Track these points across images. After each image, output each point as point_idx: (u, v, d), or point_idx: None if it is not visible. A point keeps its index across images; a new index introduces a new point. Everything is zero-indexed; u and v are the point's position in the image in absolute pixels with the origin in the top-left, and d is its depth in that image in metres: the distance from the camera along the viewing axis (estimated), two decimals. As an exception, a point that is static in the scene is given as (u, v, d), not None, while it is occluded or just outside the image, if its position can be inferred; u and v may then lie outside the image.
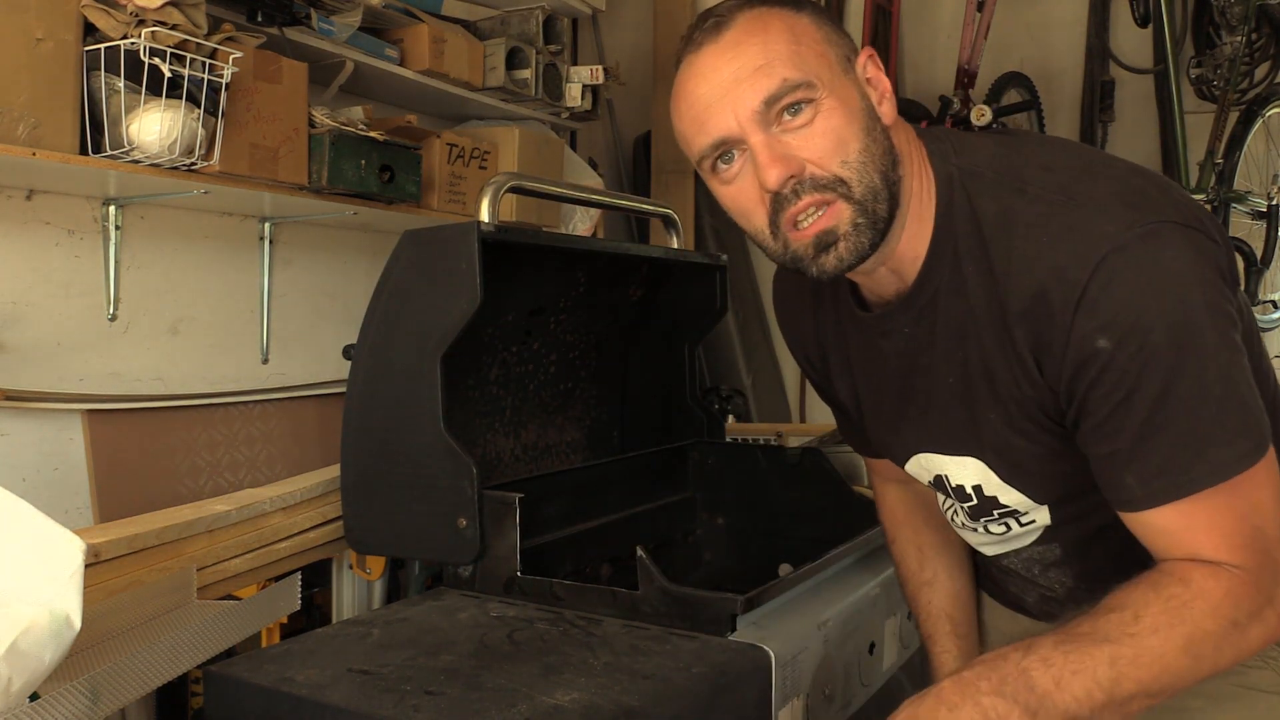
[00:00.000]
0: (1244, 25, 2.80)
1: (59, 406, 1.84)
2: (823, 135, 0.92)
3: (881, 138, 0.95)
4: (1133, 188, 0.92)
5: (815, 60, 0.93)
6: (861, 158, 0.93)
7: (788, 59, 0.92)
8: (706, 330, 2.00)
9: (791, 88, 0.91)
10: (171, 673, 1.17)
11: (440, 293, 1.38)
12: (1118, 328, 0.86)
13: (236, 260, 2.20)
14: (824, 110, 0.92)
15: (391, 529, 1.45)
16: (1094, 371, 0.88)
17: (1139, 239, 0.87)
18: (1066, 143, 1.04)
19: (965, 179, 0.98)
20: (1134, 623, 0.87)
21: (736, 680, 1.15)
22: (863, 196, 0.93)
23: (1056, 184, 0.93)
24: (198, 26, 1.72)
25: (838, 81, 0.93)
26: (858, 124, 0.93)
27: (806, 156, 0.92)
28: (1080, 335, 0.88)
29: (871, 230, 0.94)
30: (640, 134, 3.65)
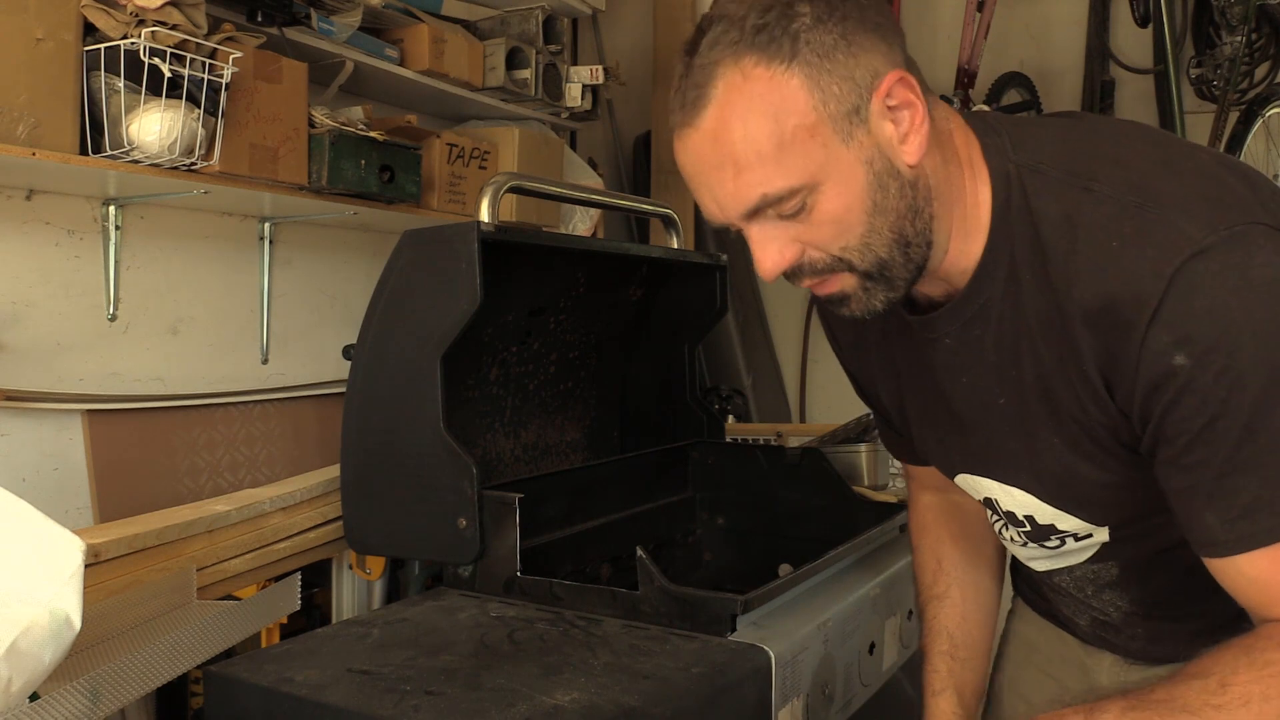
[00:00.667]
0: (1244, 25, 2.80)
1: (59, 406, 1.84)
2: (819, 226, 0.84)
3: (897, 196, 0.84)
4: (1217, 183, 0.81)
5: (801, 152, 0.81)
6: (864, 240, 0.84)
7: (770, 163, 0.81)
8: (706, 330, 2.00)
9: (774, 200, 0.83)
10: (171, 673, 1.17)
11: (440, 293, 1.38)
12: (1198, 343, 0.76)
13: (236, 260, 2.20)
14: (820, 202, 0.83)
15: (391, 529, 1.45)
16: (1171, 393, 0.78)
17: (1224, 242, 0.76)
18: (1144, 131, 0.91)
19: (1025, 176, 0.87)
20: (1220, 692, 0.77)
21: (736, 680, 1.15)
22: (867, 270, 0.86)
23: (1129, 181, 0.82)
24: (198, 26, 1.72)
25: (835, 160, 0.82)
26: (861, 203, 0.83)
27: (805, 241, 0.85)
28: (1154, 351, 0.78)
29: (886, 289, 0.88)
30: (640, 134, 3.64)
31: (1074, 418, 0.88)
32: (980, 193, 0.89)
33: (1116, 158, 0.85)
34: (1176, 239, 0.77)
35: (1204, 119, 2.91)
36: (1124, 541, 0.99)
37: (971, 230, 0.90)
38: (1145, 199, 0.81)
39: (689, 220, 3.41)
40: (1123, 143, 0.88)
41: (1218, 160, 0.86)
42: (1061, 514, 0.98)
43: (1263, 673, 0.77)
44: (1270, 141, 2.95)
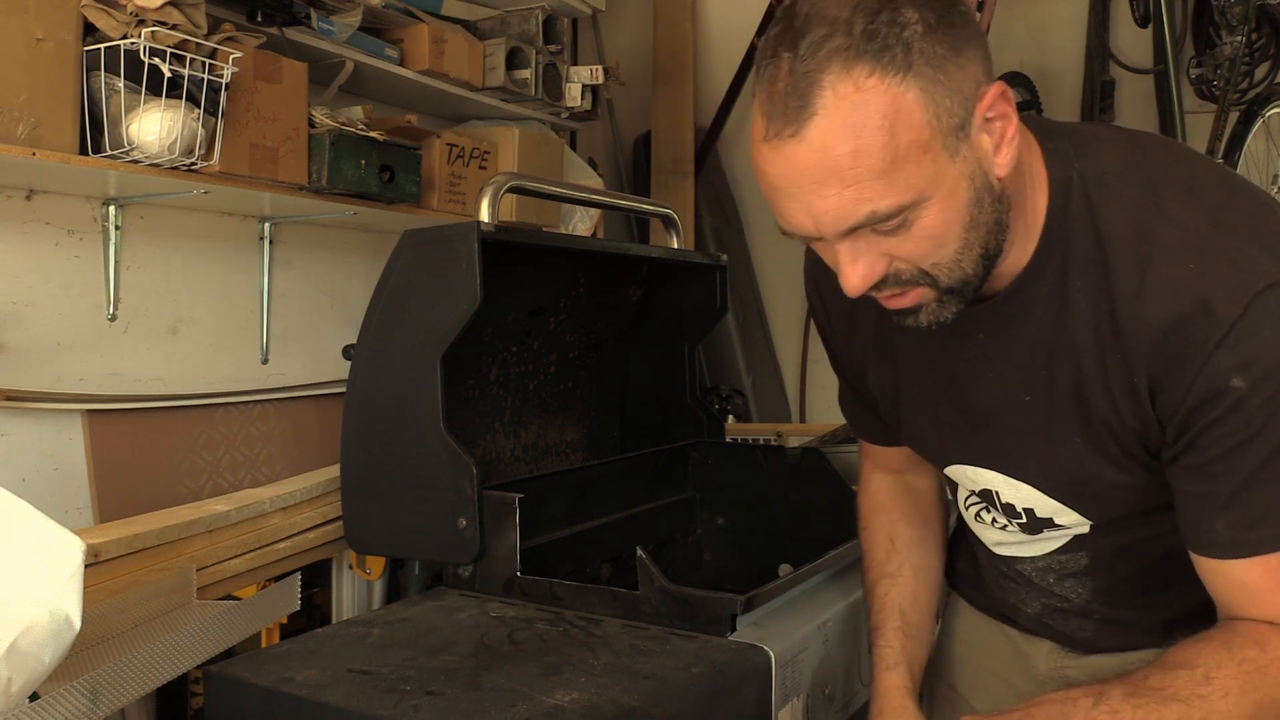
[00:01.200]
0: (1244, 25, 2.80)
1: (59, 406, 1.84)
2: (917, 241, 0.82)
3: (989, 210, 0.84)
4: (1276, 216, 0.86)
5: (915, 166, 0.78)
6: (957, 256, 0.84)
7: (880, 181, 0.77)
8: (706, 330, 2.00)
9: (882, 218, 0.80)
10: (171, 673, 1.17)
11: (440, 293, 1.38)
12: (1257, 369, 0.80)
13: (236, 260, 2.20)
14: (923, 216, 0.81)
15: (391, 529, 1.45)
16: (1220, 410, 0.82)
17: None
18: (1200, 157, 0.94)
19: (1089, 187, 0.88)
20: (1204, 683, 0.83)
21: (736, 680, 1.15)
22: (949, 286, 0.86)
23: (1202, 206, 0.85)
24: (198, 26, 1.72)
25: (943, 175, 0.80)
26: (961, 221, 0.82)
27: (896, 254, 0.83)
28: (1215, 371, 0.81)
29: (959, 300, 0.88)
30: (640, 134, 3.65)
31: (1105, 422, 0.90)
32: (1038, 198, 0.90)
33: (1187, 181, 0.87)
34: (1254, 270, 0.81)
35: (1204, 119, 2.91)
36: (1102, 534, 1.03)
37: (1026, 234, 0.90)
38: (1219, 226, 0.84)
39: (689, 220, 3.41)
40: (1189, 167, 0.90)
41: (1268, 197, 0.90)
42: (1064, 509, 1.00)
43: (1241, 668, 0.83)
44: (1270, 141, 2.95)
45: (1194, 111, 2.97)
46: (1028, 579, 1.13)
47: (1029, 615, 1.16)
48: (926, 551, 1.23)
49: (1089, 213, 0.87)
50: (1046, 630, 1.15)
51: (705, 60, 3.64)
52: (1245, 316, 0.80)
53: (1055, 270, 0.89)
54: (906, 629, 1.17)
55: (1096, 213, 0.87)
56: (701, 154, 3.55)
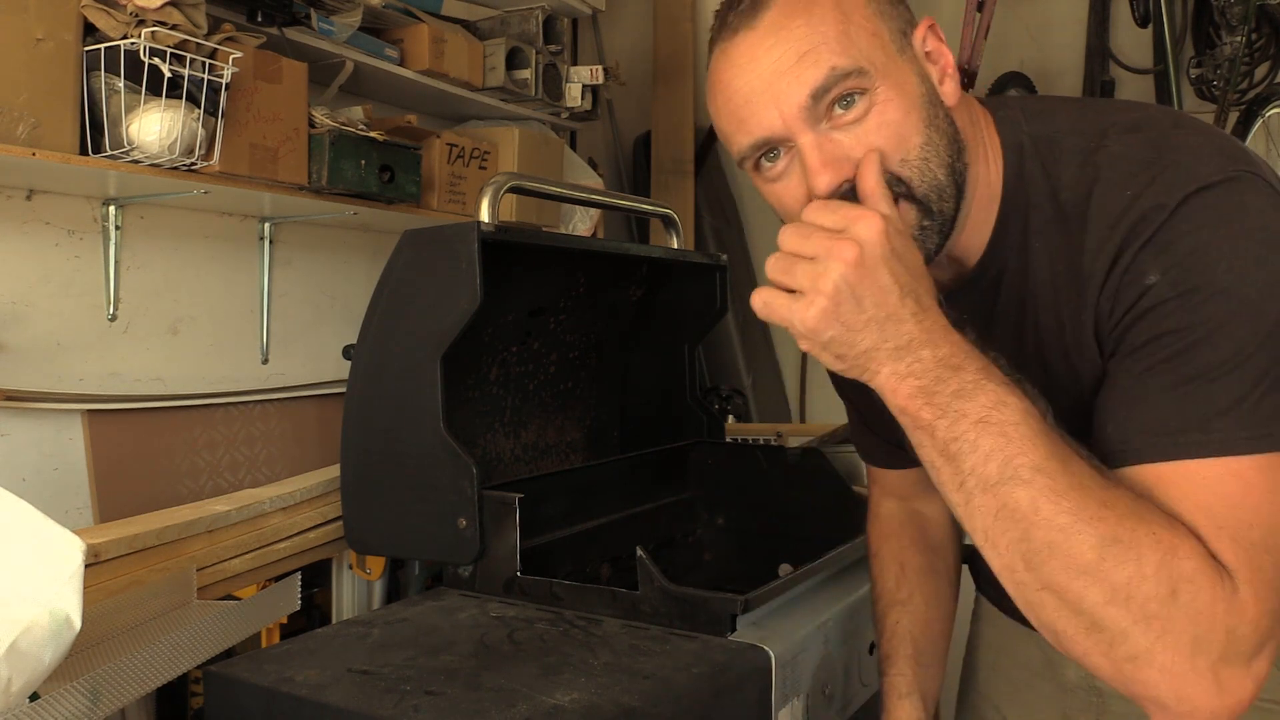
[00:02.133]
0: (1244, 25, 2.80)
1: (59, 406, 1.84)
2: (878, 131, 0.82)
3: (945, 125, 0.85)
4: (1227, 140, 0.83)
5: (867, 41, 0.82)
6: (923, 153, 0.83)
7: (835, 41, 0.81)
8: (706, 330, 2.00)
9: (841, 76, 0.80)
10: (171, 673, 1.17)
11: (440, 293, 1.38)
12: (1175, 262, 0.77)
13: (236, 260, 2.20)
14: (879, 101, 0.82)
15: (391, 529, 1.45)
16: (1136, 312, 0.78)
17: (1229, 180, 0.78)
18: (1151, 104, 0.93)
19: (1040, 147, 0.88)
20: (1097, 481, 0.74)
21: (736, 680, 1.15)
22: (925, 195, 0.84)
23: (1145, 140, 0.83)
24: (198, 26, 1.72)
25: (893, 64, 0.83)
26: (918, 114, 0.83)
27: (861, 156, 0.82)
28: (1137, 270, 0.78)
29: (939, 233, 0.86)
30: (640, 134, 3.65)
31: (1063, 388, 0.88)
32: (994, 167, 0.90)
33: (1132, 123, 0.86)
34: (1185, 176, 0.79)
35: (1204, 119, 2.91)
36: None
37: (986, 205, 0.90)
38: (1159, 150, 0.82)
39: (689, 220, 3.41)
40: (1134, 111, 0.89)
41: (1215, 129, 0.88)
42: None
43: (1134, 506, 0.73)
44: (1270, 141, 2.95)
45: (1194, 111, 2.97)
46: None
47: None
48: (937, 579, 1.21)
49: (1043, 173, 0.87)
50: None
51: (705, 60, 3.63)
52: (1174, 216, 0.77)
53: (1018, 235, 0.89)
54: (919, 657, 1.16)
55: (1049, 170, 0.87)
56: (701, 154, 3.55)
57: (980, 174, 0.90)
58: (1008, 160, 0.90)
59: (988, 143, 0.91)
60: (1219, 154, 0.80)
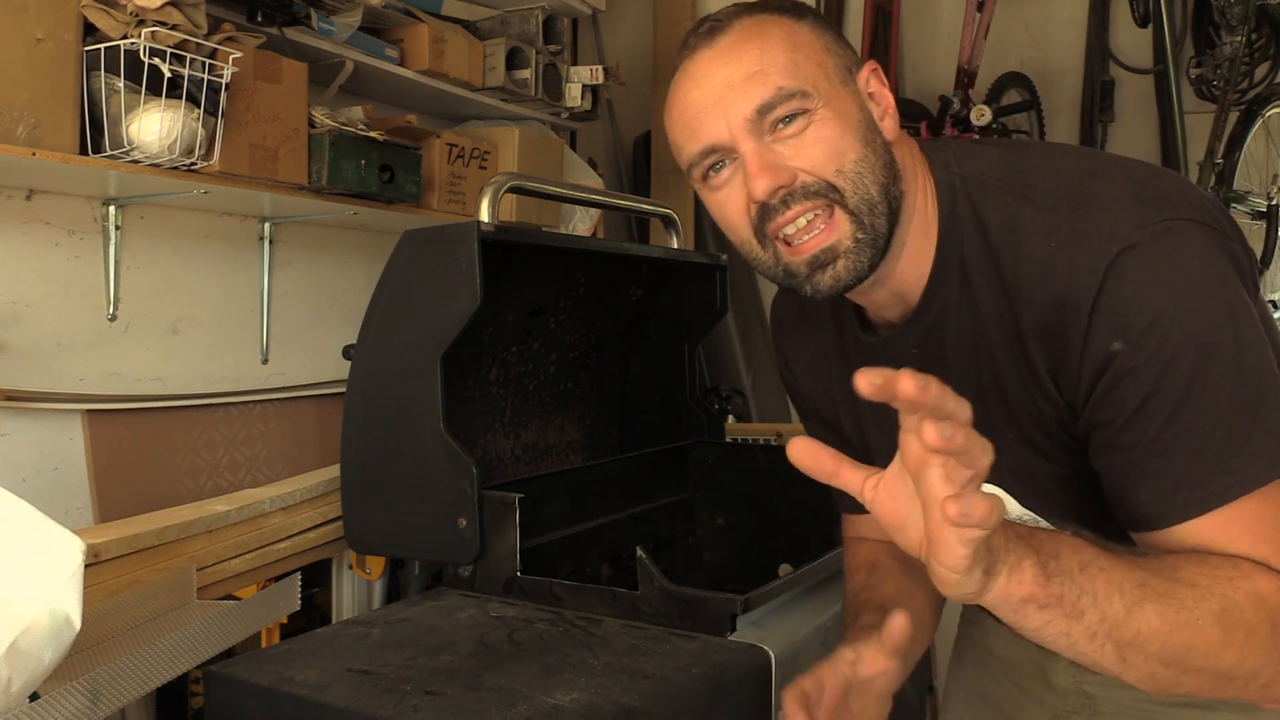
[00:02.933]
0: (1244, 25, 2.80)
1: (59, 406, 1.84)
2: (815, 144, 0.89)
3: (882, 151, 0.91)
4: (1146, 185, 0.87)
5: (813, 70, 0.90)
6: (858, 167, 0.89)
7: (784, 67, 0.89)
8: (706, 330, 2.00)
9: (786, 96, 0.88)
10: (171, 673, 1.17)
11: (440, 293, 1.38)
12: (1133, 330, 0.81)
13: (236, 260, 2.20)
14: (818, 120, 0.89)
15: (391, 529, 1.45)
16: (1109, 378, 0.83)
17: (1152, 236, 0.82)
18: (1076, 147, 0.97)
19: (970, 187, 0.93)
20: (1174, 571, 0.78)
21: (736, 680, 1.15)
22: (857, 206, 0.89)
23: (1065, 186, 0.88)
24: (198, 26, 1.72)
25: (835, 92, 0.90)
26: (855, 135, 0.90)
27: (799, 165, 0.89)
28: (1096, 340, 0.83)
29: (871, 248, 0.90)
30: (640, 134, 3.65)
31: (1027, 412, 0.92)
32: (929, 206, 0.95)
33: (1053, 168, 0.91)
34: (1109, 237, 0.83)
35: (1204, 119, 2.91)
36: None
37: (924, 237, 0.95)
38: (1079, 203, 0.87)
39: (689, 220, 3.41)
40: (1057, 157, 0.95)
41: (1145, 167, 0.92)
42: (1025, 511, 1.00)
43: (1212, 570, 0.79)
44: (1270, 141, 2.95)
45: (1194, 111, 2.97)
46: None
47: None
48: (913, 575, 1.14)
49: (973, 212, 0.92)
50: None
51: (705, 60, 3.64)
52: (1108, 282, 0.82)
53: (955, 271, 0.93)
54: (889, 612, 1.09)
55: (978, 210, 0.92)
56: (701, 154, 3.55)
57: (918, 206, 0.95)
58: (941, 199, 0.95)
59: (924, 181, 0.95)
60: (1138, 205, 0.84)
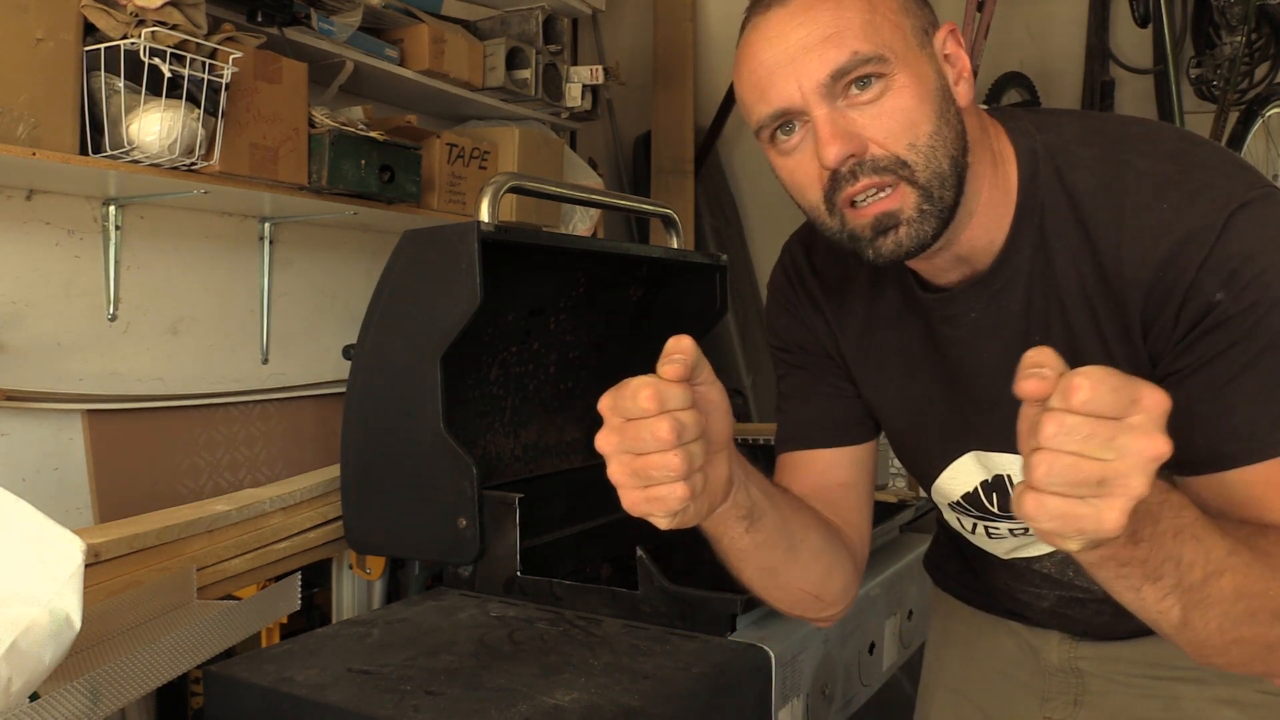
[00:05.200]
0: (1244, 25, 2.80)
1: (59, 406, 1.84)
2: (891, 114, 0.86)
3: (955, 120, 0.90)
4: (1236, 158, 0.90)
5: (890, 31, 0.87)
6: (931, 141, 0.87)
7: (860, 29, 0.86)
8: (706, 330, 2.00)
9: (862, 61, 0.85)
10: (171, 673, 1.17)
11: (440, 293, 1.38)
12: (1238, 281, 0.83)
13: (236, 260, 2.20)
14: (895, 87, 0.86)
15: (391, 529, 1.45)
16: (1206, 326, 0.84)
17: (1262, 198, 0.85)
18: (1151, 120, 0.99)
19: (1053, 154, 0.93)
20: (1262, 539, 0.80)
21: (736, 680, 1.15)
22: (927, 181, 0.88)
23: (1163, 153, 0.89)
24: (198, 26, 1.72)
25: (913, 56, 0.88)
26: (930, 104, 0.88)
27: (871, 135, 0.87)
28: (1200, 291, 0.84)
29: (936, 219, 0.89)
30: (640, 134, 3.65)
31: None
32: (1008, 171, 0.94)
33: (1144, 135, 0.92)
34: (1223, 196, 0.85)
35: (1204, 119, 2.91)
36: None
37: (997, 207, 0.94)
38: (1185, 167, 0.87)
39: (689, 220, 3.41)
40: (1142, 124, 0.95)
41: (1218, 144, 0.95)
42: None
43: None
44: (1270, 141, 2.95)
45: (1194, 111, 2.97)
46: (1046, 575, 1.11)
47: (1042, 609, 1.14)
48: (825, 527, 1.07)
49: (1058, 178, 0.92)
50: (1060, 620, 1.13)
51: (705, 60, 3.64)
52: (1222, 236, 0.84)
53: (1034, 238, 0.93)
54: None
55: (1064, 176, 0.91)
56: (701, 154, 3.55)
57: (986, 176, 0.93)
58: (1021, 166, 0.93)
59: (999, 149, 0.94)
60: (1241, 170, 0.87)
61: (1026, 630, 1.18)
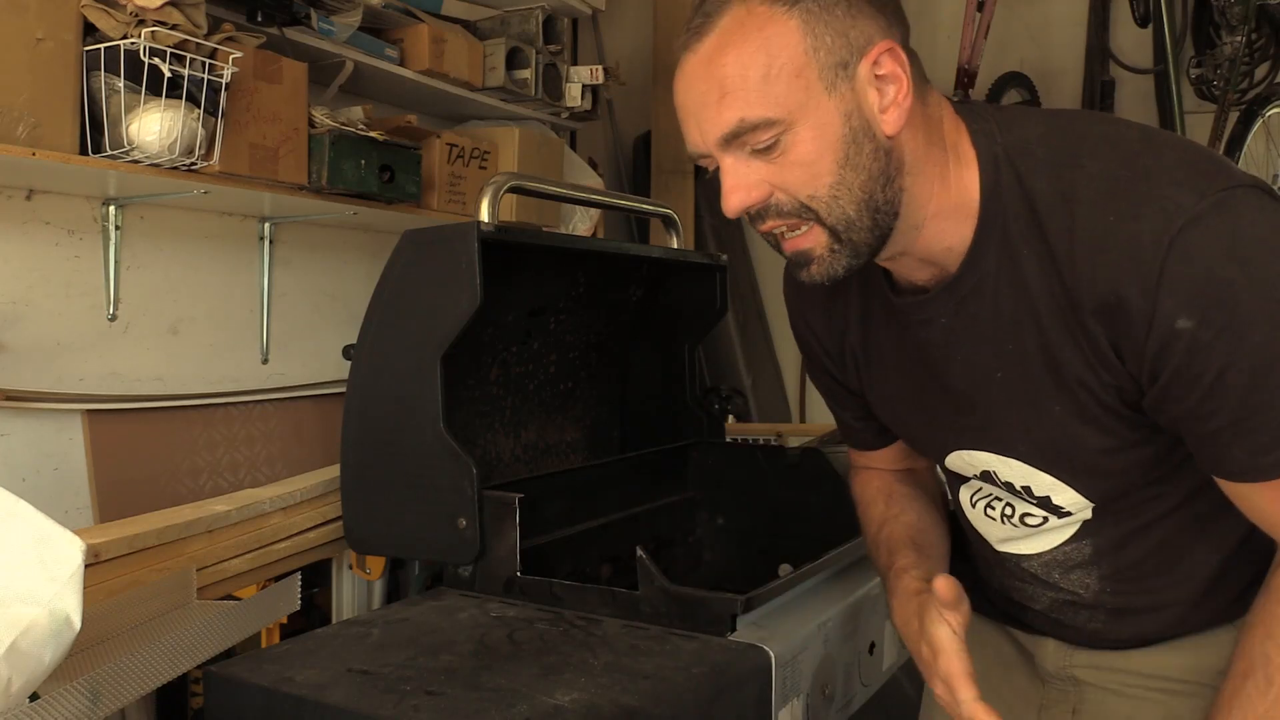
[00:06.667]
0: (1244, 25, 2.80)
1: (59, 406, 1.84)
2: (790, 168, 0.87)
3: (870, 158, 0.88)
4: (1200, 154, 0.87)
5: (786, 85, 0.85)
6: (833, 191, 0.88)
7: (754, 89, 0.85)
8: (706, 330, 2.00)
9: (749, 127, 0.86)
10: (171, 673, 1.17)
11: (440, 293, 1.38)
12: (1199, 305, 0.81)
13: (236, 260, 2.20)
14: (794, 142, 0.86)
15: (391, 529, 1.45)
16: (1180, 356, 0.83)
17: (1213, 207, 0.81)
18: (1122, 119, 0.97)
19: (1014, 157, 0.91)
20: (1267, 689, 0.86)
21: (736, 680, 1.15)
22: (834, 225, 0.89)
23: (1119, 157, 0.87)
24: (198, 26, 1.72)
25: (815, 104, 0.86)
26: (832, 154, 0.87)
27: (774, 183, 0.88)
28: (1161, 318, 0.82)
29: (850, 256, 0.91)
30: (640, 134, 3.65)
31: (1081, 382, 0.91)
32: (966, 177, 0.93)
33: (1103, 136, 0.90)
34: (1170, 209, 0.82)
35: (1204, 119, 2.91)
36: (1104, 520, 1.02)
37: (958, 213, 0.93)
38: (1135, 173, 0.85)
39: (689, 220, 3.41)
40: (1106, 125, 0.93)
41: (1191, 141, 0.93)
42: (1058, 484, 1.00)
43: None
44: (1270, 141, 2.95)
45: (1194, 111, 2.97)
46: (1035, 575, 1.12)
47: (1037, 612, 1.15)
48: (929, 499, 1.21)
49: (1018, 183, 0.91)
50: (1055, 626, 1.14)
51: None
52: (1171, 256, 0.81)
53: (999, 243, 0.92)
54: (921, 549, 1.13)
55: (1024, 181, 0.90)
56: (701, 154, 3.55)
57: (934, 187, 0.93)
58: (983, 170, 0.93)
59: (962, 153, 0.93)
60: (1195, 175, 0.84)
61: (1024, 636, 1.18)
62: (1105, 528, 1.03)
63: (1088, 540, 1.05)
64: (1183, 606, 1.03)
